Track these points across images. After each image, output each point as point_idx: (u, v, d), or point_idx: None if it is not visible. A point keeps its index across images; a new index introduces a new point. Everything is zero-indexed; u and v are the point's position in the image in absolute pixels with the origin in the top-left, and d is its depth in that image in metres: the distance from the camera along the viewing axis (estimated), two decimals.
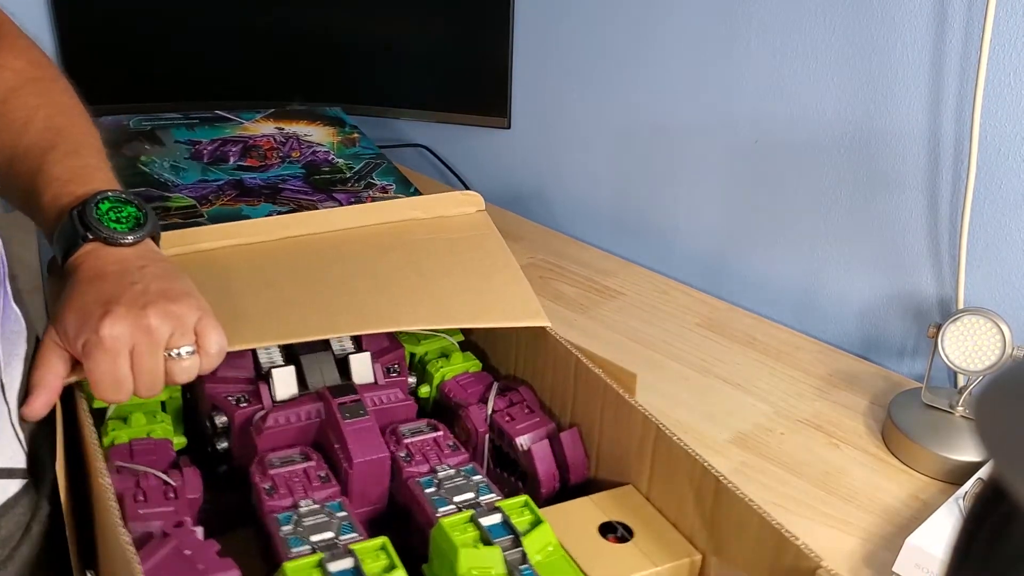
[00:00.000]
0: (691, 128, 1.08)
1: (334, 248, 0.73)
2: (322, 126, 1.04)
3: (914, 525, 0.70)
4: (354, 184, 0.89)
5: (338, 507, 0.58)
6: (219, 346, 0.58)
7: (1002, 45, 0.81)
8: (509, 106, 1.20)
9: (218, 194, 0.88)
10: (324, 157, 0.95)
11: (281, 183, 0.89)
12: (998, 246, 0.87)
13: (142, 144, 0.98)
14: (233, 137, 0.99)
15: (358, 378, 0.68)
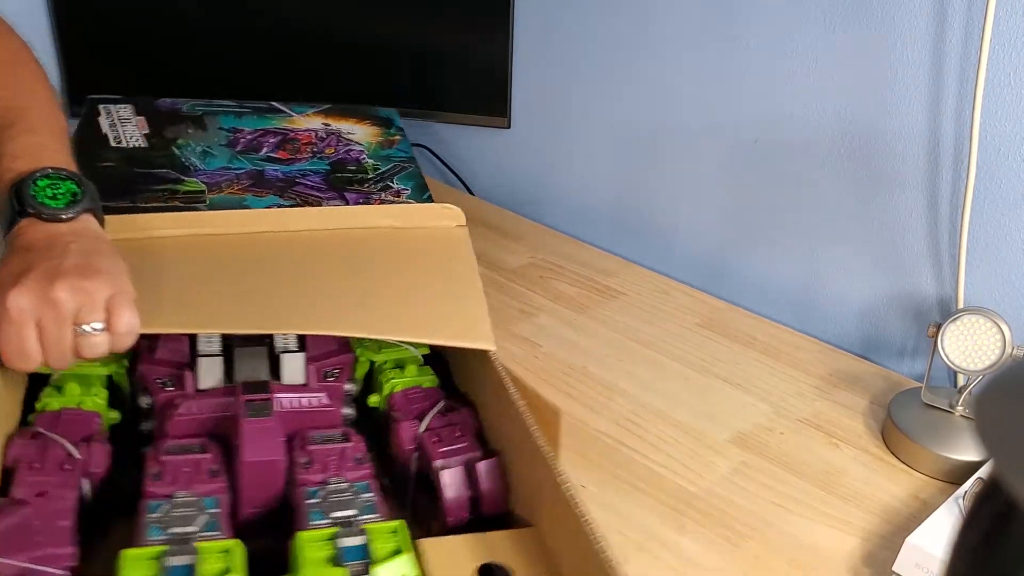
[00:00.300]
0: (691, 128, 1.08)
1: (298, 247, 0.73)
2: (369, 125, 1.04)
3: (914, 525, 0.70)
4: (371, 185, 0.89)
5: (213, 503, 0.57)
6: (128, 326, 0.58)
7: (1002, 45, 0.81)
8: (509, 106, 1.20)
9: (232, 182, 0.89)
10: (355, 156, 0.95)
11: (300, 177, 0.90)
12: (998, 246, 0.87)
13: (186, 128, 0.99)
14: (277, 128, 1.00)
15: (288, 378, 0.67)
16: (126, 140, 0.96)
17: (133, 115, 1.01)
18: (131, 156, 0.93)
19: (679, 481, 0.79)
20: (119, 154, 0.94)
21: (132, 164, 0.92)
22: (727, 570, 0.70)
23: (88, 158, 0.94)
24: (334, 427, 0.66)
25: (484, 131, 1.27)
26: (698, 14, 1.02)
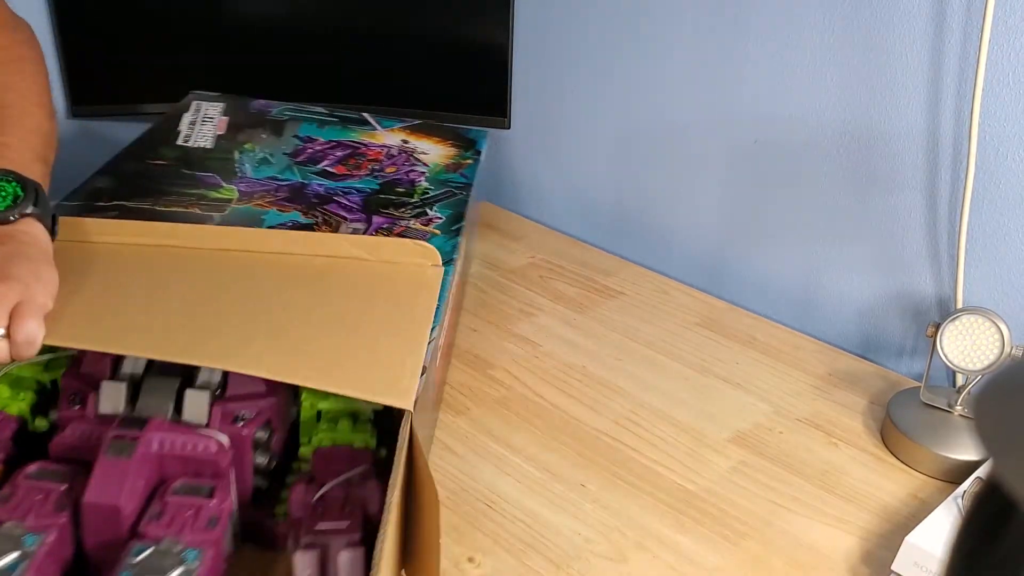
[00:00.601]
0: (691, 128, 1.08)
1: (255, 270, 0.69)
2: (447, 146, 1.03)
3: (913, 524, 0.70)
4: (407, 210, 0.88)
5: (32, 540, 0.53)
6: (27, 335, 0.56)
7: (1001, 45, 0.81)
8: (509, 106, 1.20)
9: (266, 194, 0.88)
10: (412, 177, 0.94)
11: (341, 195, 0.89)
12: (997, 246, 0.87)
13: (260, 132, 1.00)
14: (351, 141, 1.00)
15: (188, 415, 0.61)
16: (195, 139, 0.97)
17: (219, 115, 1.03)
18: (187, 156, 0.94)
19: (678, 480, 0.79)
20: (177, 152, 0.95)
21: (182, 164, 0.92)
22: (726, 569, 0.70)
23: (142, 152, 0.95)
24: (218, 476, 0.60)
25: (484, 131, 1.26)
26: (698, 15, 1.02)
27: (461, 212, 0.91)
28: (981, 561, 0.24)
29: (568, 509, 0.75)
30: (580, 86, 1.17)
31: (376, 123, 1.05)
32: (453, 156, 1.01)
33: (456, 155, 1.02)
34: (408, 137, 1.03)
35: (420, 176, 0.95)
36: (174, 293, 0.66)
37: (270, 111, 1.05)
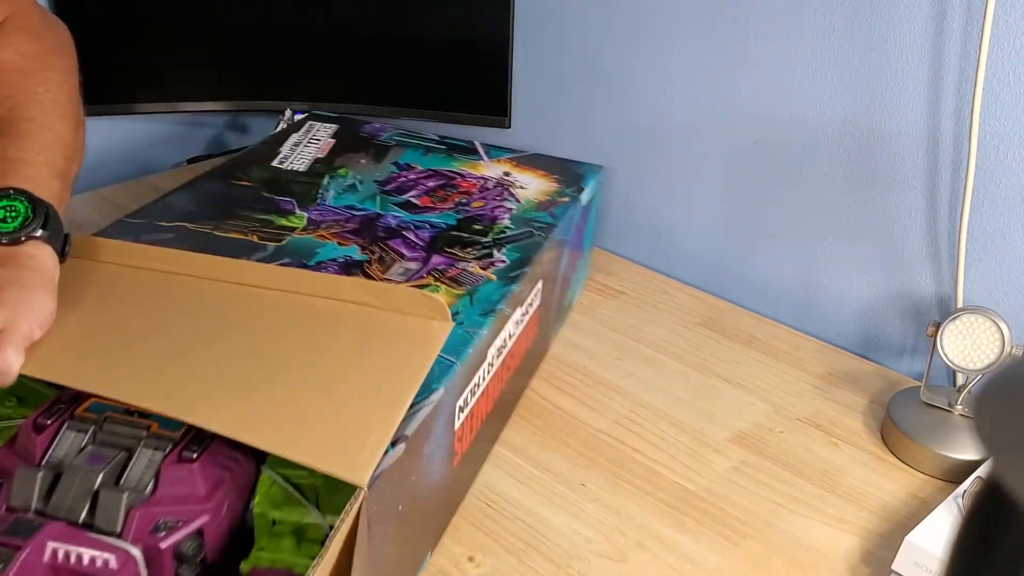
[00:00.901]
0: (692, 128, 1.08)
1: (254, 309, 0.65)
2: (550, 181, 0.98)
3: (913, 523, 0.70)
4: (473, 250, 0.83)
5: None
6: (2, 364, 0.55)
7: (1001, 44, 0.81)
8: (509, 105, 1.20)
9: (334, 224, 0.85)
10: (495, 214, 0.90)
11: (412, 229, 0.86)
12: (997, 245, 0.87)
13: (359, 158, 0.99)
14: (450, 171, 0.98)
15: (99, 520, 0.53)
16: (292, 161, 0.97)
17: (327, 137, 1.02)
18: (275, 179, 0.93)
19: (679, 480, 0.79)
20: (266, 174, 0.94)
21: (265, 187, 0.91)
22: (726, 569, 0.70)
23: (231, 172, 0.94)
24: None
25: (484, 130, 1.27)
26: (698, 15, 1.02)
27: (529, 257, 0.83)
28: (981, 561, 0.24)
29: (568, 509, 0.75)
30: (580, 86, 1.17)
31: (484, 153, 1.02)
32: (550, 193, 0.95)
33: (554, 191, 0.96)
34: (511, 169, 0.99)
35: (505, 213, 0.91)
36: (165, 330, 0.63)
37: (380, 135, 1.04)
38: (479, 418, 0.75)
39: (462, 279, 0.79)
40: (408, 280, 0.78)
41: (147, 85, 1.23)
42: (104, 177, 1.29)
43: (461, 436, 0.71)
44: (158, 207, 0.87)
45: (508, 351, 0.79)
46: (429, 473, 0.65)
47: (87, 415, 0.57)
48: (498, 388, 0.79)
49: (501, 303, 0.75)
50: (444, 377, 0.65)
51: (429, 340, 0.63)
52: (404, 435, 0.59)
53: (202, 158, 1.36)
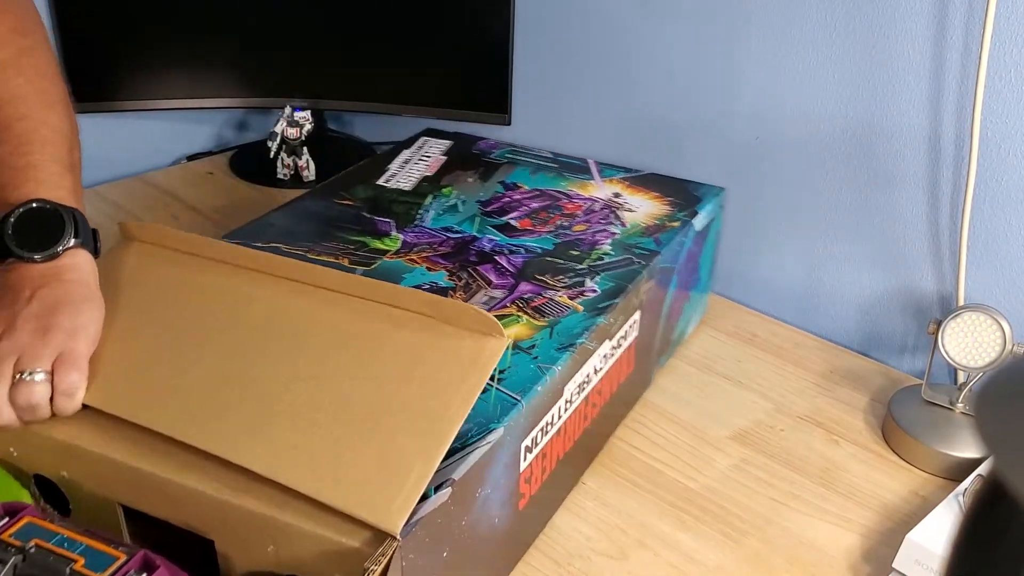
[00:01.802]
0: (692, 124, 1.08)
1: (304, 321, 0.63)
2: (662, 203, 0.92)
3: (914, 521, 0.70)
4: (565, 277, 0.79)
5: None
6: (68, 387, 0.57)
7: (1003, 41, 0.81)
8: (509, 102, 1.20)
9: (427, 247, 0.83)
10: (596, 239, 0.85)
11: (505, 254, 0.82)
12: (998, 243, 0.87)
13: (467, 176, 0.96)
14: (557, 191, 0.94)
15: None
16: (398, 179, 0.95)
17: (439, 154, 1.01)
18: (376, 199, 0.91)
19: (679, 478, 0.79)
20: (370, 193, 0.92)
21: (367, 207, 0.89)
22: (727, 567, 0.70)
23: (335, 190, 0.92)
24: None
25: (485, 127, 1.26)
26: (699, 11, 1.02)
27: (623, 287, 0.77)
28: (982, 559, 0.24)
29: (569, 507, 0.75)
30: (581, 82, 1.17)
31: (597, 172, 0.98)
32: (659, 216, 0.89)
33: (664, 215, 0.90)
34: (623, 190, 0.94)
35: (607, 238, 0.85)
36: (213, 346, 0.62)
37: (492, 152, 1.01)
38: (553, 458, 0.71)
39: (546, 309, 0.74)
40: (491, 309, 0.74)
41: (146, 82, 1.23)
42: (103, 175, 1.29)
43: (529, 477, 0.67)
44: (260, 225, 0.85)
45: (593, 387, 0.74)
46: (485, 517, 0.62)
47: (12, 541, 0.54)
48: (580, 426, 0.74)
49: (583, 336, 0.71)
50: (506, 416, 0.62)
51: (481, 361, 0.58)
52: (451, 479, 0.56)
53: (202, 155, 1.36)
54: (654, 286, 0.83)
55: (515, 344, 0.70)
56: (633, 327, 0.80)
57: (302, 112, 1.26)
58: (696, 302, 0.97)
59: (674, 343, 0.94)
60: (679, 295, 0.90)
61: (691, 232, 0.89)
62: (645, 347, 0.85)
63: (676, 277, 0.88)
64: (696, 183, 0.97)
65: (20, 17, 0.71)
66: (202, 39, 1.23)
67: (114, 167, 1.30)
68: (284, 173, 1.28)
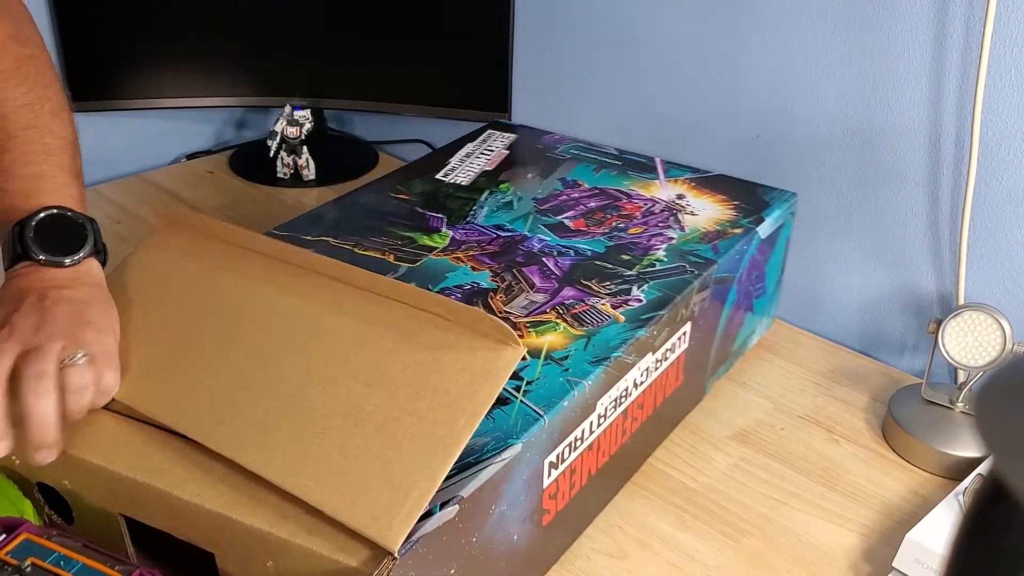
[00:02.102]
0: (692, 123, 1.08)
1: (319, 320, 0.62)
2: (727, 207, 0.88)
3: (914, 521, 0.70)
4: (611, 284, 0.75)
5: None
6: (106, 385, 0.58)
7: (1003, 40, 0.81)
8: (510, 101, 1.20)
9: (474, 246, 0.81)
10: (652, 243, 0.81)
11: (552, 256, 0.79)
12: (999, 241, 0.87)
13: (527, 172, 0.93)
14: (618, 191, 0.90)
15: None
16: (457, 174, 0.93)
17: (502, 148, 0.99)
18: (432, 194, 0.89)
19: (679, 477, 0.79)
20: (427, 187, 0.91)
21: (421, 201, 0.88)
22: (727, 566, 0.70)
23: (392, 184, 0.91)
24: None
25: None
26: (700, 10, 1.02)
27: (671, 298, 0.74)
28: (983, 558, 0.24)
29: None
30: (581, 81, 1.17)
31: (663, 171, 0.93)
32: (722, 222, 0.85)
33: (727, 221, 0.85)
34: (687, 191, 0.90)
35: (663, 243, 0.81)
36: (235, 345, 0.62)
37: (556, 148, 0.98)
38: (584, 473, 0.68)
39: (586, 318, 0.71)
40: (529, 314, 0.72)
41: (146, 81, 1.23)
42: (102, 173, 1.29)
43: (555, 493, 0.65)
44: (310, 217, 0.85)
45: (634, 401, 0.72)
46: (501, 534, 0.60)
47: (9, 560, 0.54)
48: (616, 441, 0.72)
49: (620, 349, 0.68)
50: (525, 432, 0.60)
51: (493, 373, 0.56)
52: (459, 496, 0.55)
53: (201, 154, 1.36)
54: (708, 297, 0.79)
55: (548, 354, 0.67)
56: (682, 340, 0.76)
57: (302, 111, 1.26)
58: (761, 313, 0.93)
59: (734, 355, 0.90)
60: (740, 306, 0.86)
61: (755, 239, 0.84)
62: (697, 360, 0.81)
63: (736, 287, 0.84)
64: (767, 187, 0.92)
65: (18, 25, 0.71)
66: (202, 38, 1.23)
67: (114, 166, 1.30)
68: (284, 172, 1.28)
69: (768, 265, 0.90)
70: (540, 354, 0.67)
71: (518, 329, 0.69)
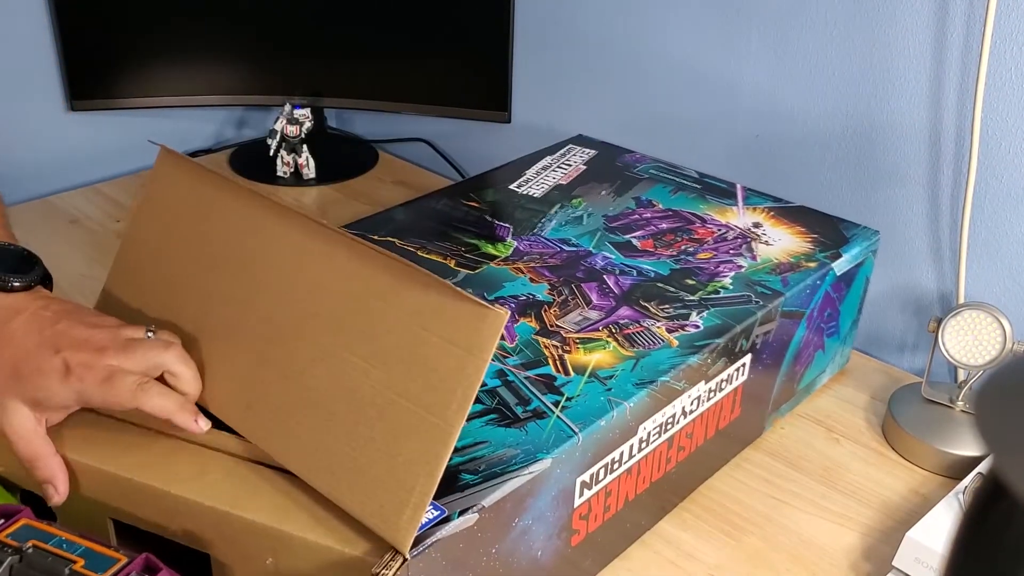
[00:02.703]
0: (692, 123, 1.07)
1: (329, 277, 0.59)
2: (804, 239, 0.85)
3: (914, 519, 0.70)
4: (671, 307, 0.74)
5: None
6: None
7: (1003, 39, 0.81)
8: (509, 100, 1.20)
9: (536, 258, 0.80)
10: (720, 271, 0.79)
11: (614, 275, 0.78)
12: (999, 240, 0.87)
13: (602, 189, 0.93)
14: (690, 214, 0.89)
15: None
16: (532, 186, 0.93)
17: (581, 163, 0.98)
18: (502, 204, 0.90)
19: None
20: (498, 197, 0.91)
21: (489, 211, 0.88)
22: (727, 565, 0.70)
23: (465, 191, 0.92)
24: None
25: (485, 125, 1.26)
26: (700, 10, 1.02)
27: (730, 327, 0.72)
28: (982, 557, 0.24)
29: None
30: (580, 80, 1.17)
31: (742, 198, 0.92)
32: (797, 254, 0.82)
33: (803, 254, 0.83)
34: (765, 220, 0.88)
35: (731, 270, 0.79)
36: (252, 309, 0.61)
37: (636, 167, 0.97)
38: (621, 497, 0.67)
39: (638, 339, 0.70)
40: (580, 330, 0.71)
41: (146, 80, 1.23)
42: (102, 172, 1.29)
43: (586, 514, 0.64)
44: (380, 218, 0.85)
45: (681, 429, 0.70)
46: (524, 548, 0.59)
47: (9, 542, 0.53)
48: (660, 468, 0.70)
49: (669, 374, 0.66)
50: (557, 448, 0.59)
51: (479, 344, 0.52)
52: (480, 505, 0.54)
53: (201, 153, 1.36)
54: (774, 330, 0.77)
55: (593, 372, 0.66)
56: (740, 371, 0.75)
57: (302, 110, 1.26)
58: (833, 352, 0.90)
59: (801, 393, 0.87)
60: (809, 342, 0.84)
61: (830, 275, 0.82)
62: (757, 394, 0.79)
63: (806, 323, 0.81)
64: (850, 223, 0.89)
65: None
66: (202, 37, 1.23)
67: (114, 165, 1.30)
68: (284, 171, 1.28)
69: (843, 303, 0.87)
70: (585, 371, 0.66)
71: (567, 344, 0.69)
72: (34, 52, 1.20)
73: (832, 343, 0.88)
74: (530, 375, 0.66)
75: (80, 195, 1.22)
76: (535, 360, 0.67)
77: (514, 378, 0.65)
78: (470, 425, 0.61)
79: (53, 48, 1.21)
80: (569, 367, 0.66)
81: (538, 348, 0.68)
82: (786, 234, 0.86)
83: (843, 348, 0.91)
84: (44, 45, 1.20)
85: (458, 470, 0.57)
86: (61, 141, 1.26)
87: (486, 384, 0.64)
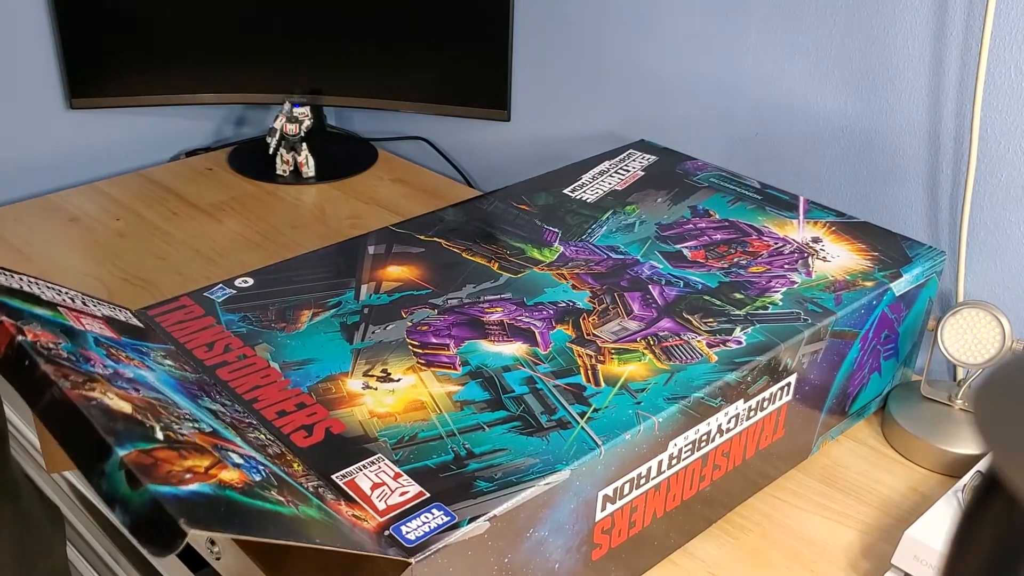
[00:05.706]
0: (692, 121, 1.08)
1: None
2: (863, 256, 0.81)
3: (913, 518, 0.70)
4: (715, 322, 0.71)
5: None
6: None
7: (1003, 39, 0.81)
8: (509, 98, 1.20)
9: (582, 264, 0.79)
10: (771, 285, 0.77)
11: (660, 285, 0.76)
12: (998, 239, 0.87)
13: (658, 196, 0.91)
14: (748, 225, 0.86)
15: None
16: (587, 190, 0.92)
17: (639, 169, 0.96)
18: (554, 208, 0.88)
19: None
20: (551, 200, 0.90)
21: (540, 215, 0.87)
22: (726, 562, 0.70)
23: (518, 193, 0.91)
24: None
25: (484, 123, 1.26)
26: (699, 7, 1.02)
27: (774, 344, 0.69)
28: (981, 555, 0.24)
29: None
30: (580, 79, 1.17)
31: (803, 211, 0.89)
32: (854, 272, 0.79)
33: (861, 272, 0.79)
34: (825, 235, 0.85)
35: (783, 286, 0.77)
36: None
37: (695, 175, 0.95)
38: (648, 514, 0.65)
39: (675, 352, 0.68)
40: (617, 340, 0.69)
41: (145, 78, 1.23)
42: (102, 170, 1.29)
43: (609, 529, 0.62)
44: (430, 218, 0.85)
45: (717, 447, 0.68)
46: (540, 560, 0.58)
47: None
48: (693, 486, 0.68)
49: (703, 390, 0.64)
50: (577, 460, 0.57)
51: None
52: (490, 513, 0.53)
53: (200, 151, 1.36)
54: (823, 350, 0.74)
55: (624, 384, 0.64)
56: (784, 391, 0.72)
57: (301, 108, 1.26)
58: (891, 376, 0.86)
59: (853, 417, 0.84)
60: (863, 365, 0.80)
61: (888, 296, 0.78)
62: (803, 415, 0.76)
63: (860, 344, 0.78)
64: (913, 241, 0.85)
65: None
66: (201, 35, 1.23)
67: (114, 163, 1.30)
68: (283, 169, 1.28)
69: (903, 325, 0.83)
70: (616, 383, 0.64)
71: (601, 354, 0.68)
72: (33, 50, 1.20)
73: (889, 366, 0.85)
74: (559, 383, 0.64)
75: (79, 193, 1.22)
76: (567, 368, 0.66)
77: (543, 386, 0.64)
78: (491, 431, 0.60)
79: (52, 46, 1.21)
80: (600, 378, 0.65)
81: (571, 356, 0.67)
82: (846, 251, 0.83)
83: (904, 370, 0.88)
84: (43, 43, 1.20)
85: (474, 476, 0.56)
86: (60, 139, 1.26)
87: (513, 390, 0.63)
